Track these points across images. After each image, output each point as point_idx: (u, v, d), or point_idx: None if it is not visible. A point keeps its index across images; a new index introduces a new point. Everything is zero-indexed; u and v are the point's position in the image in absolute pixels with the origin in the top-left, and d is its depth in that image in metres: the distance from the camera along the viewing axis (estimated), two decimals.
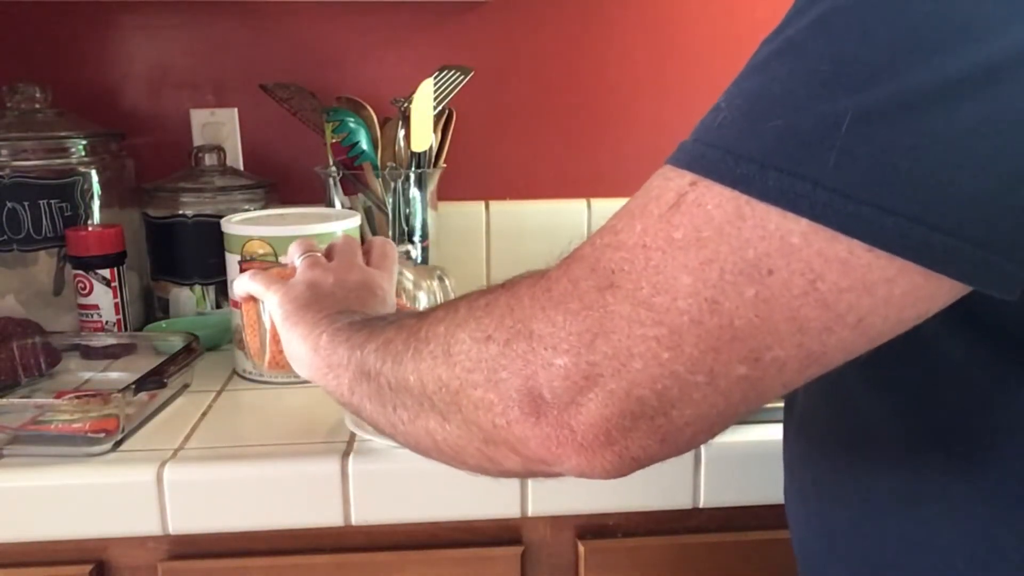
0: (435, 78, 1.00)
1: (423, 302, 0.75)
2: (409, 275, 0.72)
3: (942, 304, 0.31)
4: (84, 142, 0.96)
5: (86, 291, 0.91)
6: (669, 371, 0.32)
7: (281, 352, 0.58)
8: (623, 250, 0.33)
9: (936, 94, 0.28)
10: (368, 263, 0.65)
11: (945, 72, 0.28)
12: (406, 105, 0.98)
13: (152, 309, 1.04)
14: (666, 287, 0.31)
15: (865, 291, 0.30)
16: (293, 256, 0.64)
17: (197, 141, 1.11)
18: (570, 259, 0.36)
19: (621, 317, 0.32)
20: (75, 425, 0.69)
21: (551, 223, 1.17)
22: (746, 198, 0.30)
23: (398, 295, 0.69)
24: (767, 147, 0.30)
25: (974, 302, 0.31)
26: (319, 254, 0.64)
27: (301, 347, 0.54)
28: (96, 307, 0.92)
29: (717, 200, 0.31)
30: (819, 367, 0.32)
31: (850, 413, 0.44)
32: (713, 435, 0.34)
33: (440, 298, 0.79)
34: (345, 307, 0.56)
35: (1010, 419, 0.36)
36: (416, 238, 1.02)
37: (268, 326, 0.61)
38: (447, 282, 0.76)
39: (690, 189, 0.32)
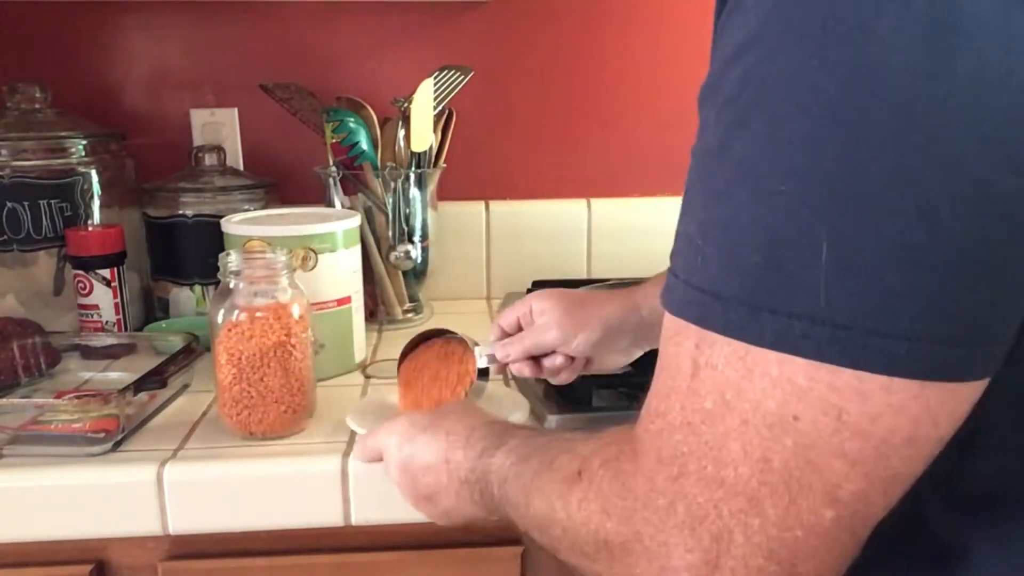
0: (435, 78, 1.00)
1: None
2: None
3: (983, 388, 0.30)
4: (84, 142, 0.96)
5: (86, 291, 0.91)
6: (766, 536, 0.31)
7: None
8: (676, 432, 0.33)
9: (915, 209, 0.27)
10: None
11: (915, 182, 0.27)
12: (406, 105, 0.98)
13: (152, 309, 1.05)
14: (724, 459, 0.32)
15: (897, 412, 0.29)
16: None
17: (197, 141, 1.11)
18: (633, 451, 0.36)
19: (705, 501, 0.32)
20: (75, 425, 0.69)
21: (551, 223, 1.16)
22: (745, 347, 0.30)
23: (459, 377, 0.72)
24: (750, 286, 0.30)
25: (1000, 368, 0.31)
26: (371, 439, 0.63)
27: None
28: (96, 307, 0.92)
29: (724, 359, 0.31)
30: (904, 482, 0.31)
31: None
32: (850, 562, 0.34)
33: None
34: (434, 461, 0.56)
35: None
36: (416, 238, 1.02)
37: None
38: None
39: (698, 353, 0.32)
